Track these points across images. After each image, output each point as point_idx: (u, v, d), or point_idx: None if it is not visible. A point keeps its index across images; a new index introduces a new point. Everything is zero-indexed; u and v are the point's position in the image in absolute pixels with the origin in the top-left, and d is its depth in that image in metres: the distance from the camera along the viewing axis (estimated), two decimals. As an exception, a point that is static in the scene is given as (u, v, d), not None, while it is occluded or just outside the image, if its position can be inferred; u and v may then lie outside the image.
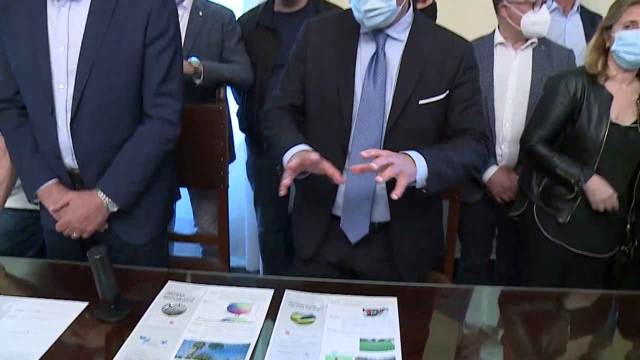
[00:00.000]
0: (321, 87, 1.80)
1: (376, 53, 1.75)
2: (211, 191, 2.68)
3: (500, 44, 2.60)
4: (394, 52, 1.76)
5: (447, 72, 1.75)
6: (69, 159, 1.83)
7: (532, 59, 2.57)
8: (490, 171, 2.59)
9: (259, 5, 2.94)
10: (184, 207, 3.05)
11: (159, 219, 2.02)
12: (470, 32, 2.72)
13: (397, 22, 1.75)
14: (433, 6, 2.60)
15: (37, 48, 1.74)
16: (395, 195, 1.51)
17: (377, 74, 1.74)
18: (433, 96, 1.75)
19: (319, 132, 1.83)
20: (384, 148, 1.73)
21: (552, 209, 2.33)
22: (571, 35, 2.99)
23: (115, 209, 1.84)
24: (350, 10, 1.77)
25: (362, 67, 1.76)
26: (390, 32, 1.75)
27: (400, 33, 1.77)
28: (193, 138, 2.36)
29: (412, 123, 1.74)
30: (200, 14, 2.72)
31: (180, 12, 2.68)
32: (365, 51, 1.77)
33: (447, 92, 1.77)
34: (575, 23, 3.03)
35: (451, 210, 2.46)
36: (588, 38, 2.98)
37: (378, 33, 1.75)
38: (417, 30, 1.77)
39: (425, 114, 1.76)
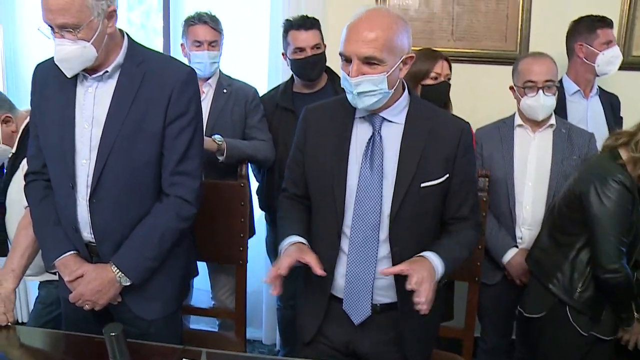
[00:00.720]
0: (317, 172, 1.85)
1: (372, 136, 1.79)
2: (230, 265, 2.70)
3: (520, 126, 2.63)
4: (392, 135, 1.79)
5: (446, 154, 1.79)
6: (87, 233, 1.89)
7: (553, 142, 2.58)
8: (510, 254, 2.56)
9: (279, 86, 3.02)
10: (201, 279, 3.06)
11: (174, 295, 2.04)
12: (486, 114, 2.82)
13: (391, 105, 1.78)
14: (443, 84, 2.61)
15: (64, 125, 1.84)
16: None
17: (374, 158, 1.77)
18: (435, 179, 1.79)
19: (317, 215, 1.88)
20: (390, 232, 1.77)
21: (594, 312, 2.22)
22: (592, 118, 3.00)
23: (128, 283, 1.87)
24: (345, 97, 1.82)
25: (358, 150, 1.79)
26: (385, 115, 1.79)
27: (397, 116, 1.80)
28: (214, 213, 2.42)
29: (415, 206, 1.77)
30: (225, 91, 2.81)
31: (205, 89, 2.80)
32: (361, 135, 1.81)
33: (448, 175, 1.80)
34: (595, 105, 3.04)
35: (470, 291, 2.44)
36: (608, 119, 3.01)
37: (374, 116, 1.79)
38: (414, 113, 1.81)
39: (427, 197, 1.79)
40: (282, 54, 2.93)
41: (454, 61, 2.79)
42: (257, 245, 3.28)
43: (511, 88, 2.62)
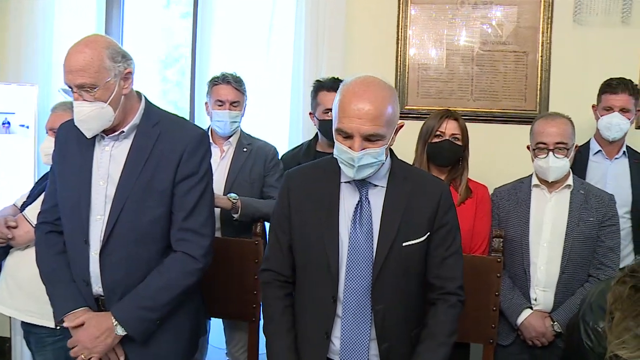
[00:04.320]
0: (306, 239, 1.86)
1: (360, 201, 1.81)
2: (243, 321, 2.71)
3: (536, 186, 2.62)
4: (376, 199, 1.82)
5: (427, 214, 1.82)
6: (97, 286, 1.95)
7: (570, 203, 2.56)
8: (524, 315, 2.51)
9: (302, 144, 3.08)
10: (217, 336, 3.07)
11: (182, 353, 2.06)
12: (506, 174, 2.82)
13: (378, 170, 1.81)
14: (445, 142, 2.58)
15: (81, 181, 1.93)
16: None
17: (362, 222, 1.80)
18: (415, 238, 1.81)
19: (308, 281, 1.88)
20: (373, 291, 1.78)
21: None
22: (615, 178, 2.96)
23: (123, 333, 1.89)
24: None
25: (346, 215, 1.82)
26: (372, 180, 1.82)
27: (381, 180, 1.83)
28: (228, 270, 2.46)
29: (397, 265, 1.78)
30: (245, 149, 2.88)
31: (225, 147, 2.88)
32: (348, 200, 1.83)
33: (428, 233, 1.82)
34: (620, 166, 3.01)
35: (485, 353, 2.41)
36: (633, 177, 2.97)
37: (360, 182, 1.81)
38: (395, 175, 1.85)
39: (409, 256, 1.81)
40: (310, 114, 3.00)
41: (473, 121, 2.83)
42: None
43: (528, 148, 2.63)
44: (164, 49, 4.07)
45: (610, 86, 2.93)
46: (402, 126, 1.82)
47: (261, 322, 2.51)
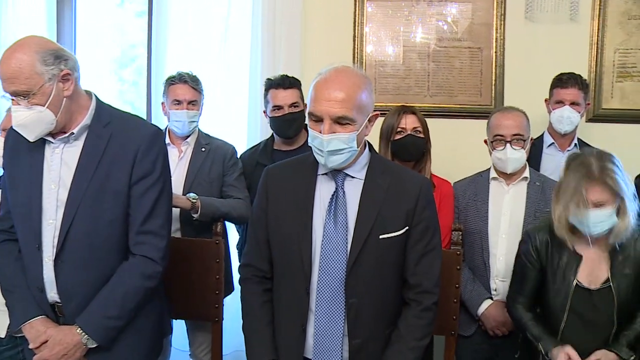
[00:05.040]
0: (281, 231, 1.85)
1: (336, 192, 1.82)
2: (206, 322, 2.69)
3: (494, 179, 2.66)
4: (353, 190, 1.83)
5: (405, 209, 1.82)
6: (53, 293, 1.89)
7: (526, 194, 2.62)
8: (484, 305, 2.56)
9: (260, 143, 3.07)
10: (180, 339, 3.03)
11: (146, 354, 2.03)
12: (464, 168, 2.86)
13: (354, 162, 1.82)
14: (409, 138, 2.60)
15: (32, 185, 1.87)
16: None
17: (337, 213, 1.80)
18: (393, 232, 1.81)
19: (282, 274, 1.87)
20: (346, 284, 1.78)
21: None
22: (567, 170, 3.05)
23: (94, 345, 1.86)
24: (307, 155, 1.87)
25: (322, 207, 1.82)
26: (348, 171, 1.83)
27: (359, 172, 1.84)
28: (189, 271, 2.43)
29: (373, 258, 1.78)
30: (203, 149, 2.86)
31: (183, 147, 2.85)
32: (324, 191, 1.84)
33: (407, 228, 1.82)
34: (572, 158, 3.10)
35: (447, 345, 2.43)
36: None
37: (337, 173, 1.83)
38: (374, 168, 1.86)
39: (385, 249, 1.80)
40: (264, 112, 3.00)
41: (430, 116, 2.86)
42: (236, 302, 3.26)
43: (485, 142, 2.68)
44: (119, 48, 3.99)
45: (561, 81, 3.02)
46: (377, 116, 1.83)
47: (224, 322, 2.54)
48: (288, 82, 2.89)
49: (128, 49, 4.01)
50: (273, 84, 2.90)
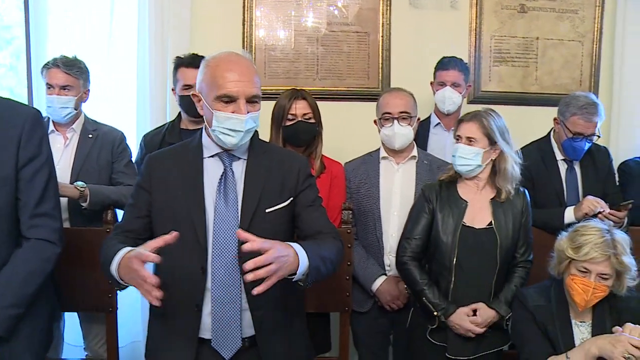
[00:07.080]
0: (173, 214, 1.85)
1: (225, 172, 1.87)
2: (100, 313, 2.61)
3: (384, 158, 2.76)
4: (238, 170, 1.90)
5: (288, 184, 1.93)
6: None
7: (416, 172, 2.73)
8: (379, 281, 2.65)
9: (166, 123, 3.02)
10: (72, 333, 2.93)
11: (43, 344, 1.95)
12: (355, 149, 2.94)
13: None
14: (299, 124, 2.64)
15: None
16: (256, 291, 1.60)
17: (227, 192, 1.85)
18: (278, 204, 1.89)
19: (176, 255, 1.81)
20: (240, 259, 1.78)
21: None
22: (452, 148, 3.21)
23: None
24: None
25: (212, 187, 1.86)
26: (235, 152, 1.89)
27: (243, 153, 1.92)
28: (80, 261, 2.35)
29: (262, 231, 1.78)
30: (90, 136, 2.76)
31: (69, 135, 2.74)
32: (212, 172, 1.88)
33: (291, 198, 1.92)
34: (456, 136, 3.27)
35: (342, 321, 2.51)
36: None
37: (222, 154, 1.88)
38: (255, 149, 1.94)
39: (273, 222, 1.88)
40: (172, 90, 2.95)
41: (320, 99, 2.90)
42: (132, 292, 3.18)
43: (375, 122, 2.77)
44: (-7, 30, 3.74)
45: (443, 63, 3.22)
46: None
47: (119, 314, 2.47)
48: (198, 62, 2.81)
49: (3, 31, 3.76)
50: (183, 62, 2.86)
